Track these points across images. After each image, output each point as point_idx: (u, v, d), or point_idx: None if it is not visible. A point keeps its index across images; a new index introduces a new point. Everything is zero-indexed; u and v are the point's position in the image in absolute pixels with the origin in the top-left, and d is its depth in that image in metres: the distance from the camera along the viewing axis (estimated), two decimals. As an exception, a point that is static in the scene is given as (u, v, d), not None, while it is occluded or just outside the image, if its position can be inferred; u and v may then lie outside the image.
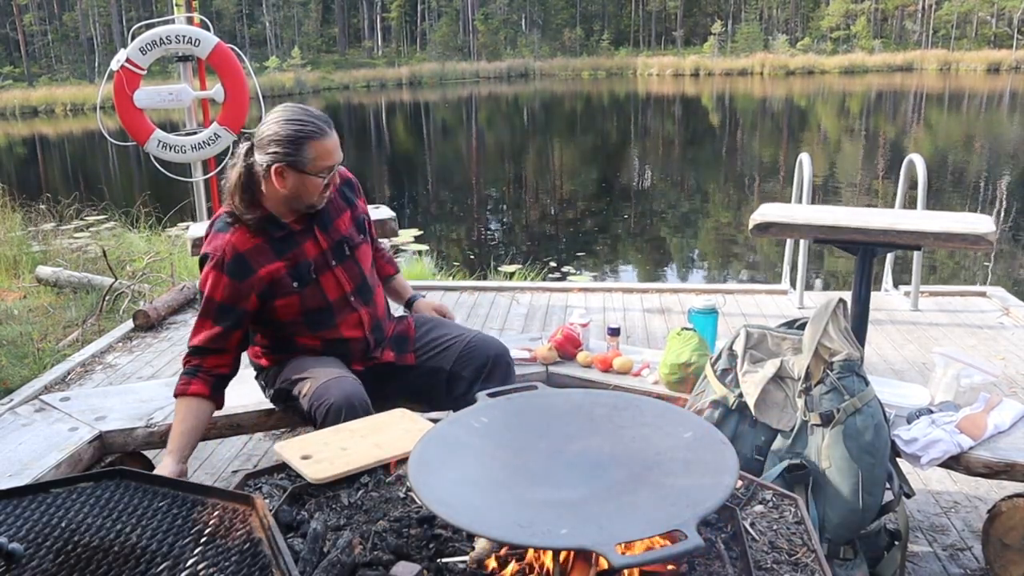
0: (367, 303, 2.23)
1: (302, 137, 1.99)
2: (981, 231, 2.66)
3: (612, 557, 0.97)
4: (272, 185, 2.02)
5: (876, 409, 1.92)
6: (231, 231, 2.06)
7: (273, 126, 2.00)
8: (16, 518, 1.23)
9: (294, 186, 2.02)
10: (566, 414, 1.40)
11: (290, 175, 2.00)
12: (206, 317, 2.07)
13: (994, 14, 49.47)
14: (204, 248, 2.07)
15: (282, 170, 2.00)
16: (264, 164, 2.00)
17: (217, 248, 2.05)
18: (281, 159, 1.99)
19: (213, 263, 2.04)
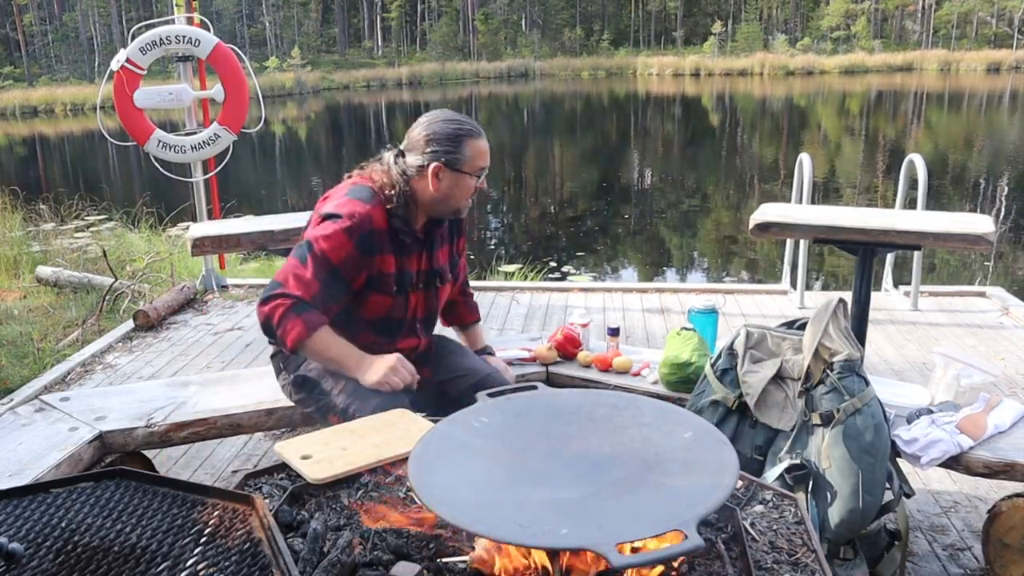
0: (427, 335, 2.25)
1: (462, 135, 1.99)
2: (981, 231, 2.66)
3: (612, 557, 0.97)
4: (424, 186, 2.01)
5: (876, 409, 1.92)
6: (372, 204, 1.99)
7: (430, 126, 2.00)
8: (16, 518, 1.23)
9: (448, 187, 2.01)
10: (566, 414, 1.40)
11: (446, 175, 1.99)
12: (316, 276, 1.94)
13: (994, 14, 49.46)
14: (333, 208, 1.98)
15: (439, 170, 1.99)
16: (419, 165, 2.00)
17: (353, 213, 1.96)
18: (440, 157, 1.98)
19: (346, 226, 1.94)
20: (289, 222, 3.15)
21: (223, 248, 3.29)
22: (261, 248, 3.31)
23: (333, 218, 1.96)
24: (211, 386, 2.53)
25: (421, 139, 2.00)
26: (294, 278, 1.93)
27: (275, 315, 1.91)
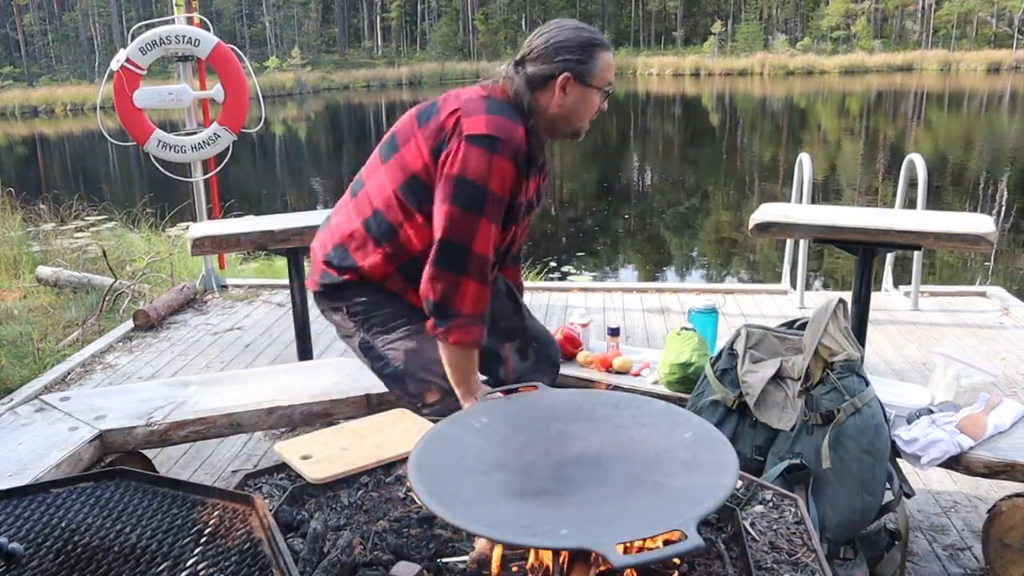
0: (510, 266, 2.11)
1: (595, 45, 1.79)
2: (981, 231, 2.66)
3: (612, 557, 0.97)
4: (548, 100, 1.79)
5: (876, 409, 1.92)
6: (517, 122, 1.73)
7: (560, 33, 1.78)
8: (16, 518, 1.23)
9: (574, 102, 1.80)
10: (566, 414, 1.40)
11: (574, 88, 1.78)
12: (492, 218, 1.70)
13: (994, 14, 49.45)
14: (485, 128, 1.69)
15: (567, 81, 1.77)
16: (544, 75, 1.77)
17: (511, 135, 1.70)
18: (571, 67, 1.76)
19: (507, 151, 1.69)
20: (289, 222, 3.15)
21: (223, 248, 3.29)
22: (261, 248, 3.31)
23: (487, 143, 1.68)
24: (211, 386, 2.53)
25: (549, 47, 1.77)
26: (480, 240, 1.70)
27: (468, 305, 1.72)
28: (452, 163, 1.70)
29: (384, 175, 1.85)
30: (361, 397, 2.43)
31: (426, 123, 1.78)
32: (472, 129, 1.69)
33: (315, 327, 3.44)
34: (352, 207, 1.93)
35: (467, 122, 1.71)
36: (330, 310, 2.04)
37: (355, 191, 1.96)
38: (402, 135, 1.84)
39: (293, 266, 3.22)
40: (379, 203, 1.85)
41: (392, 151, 1.84)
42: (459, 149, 1.69)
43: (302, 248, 3.17)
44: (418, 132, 1.79)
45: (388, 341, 1.93)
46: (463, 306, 1.73)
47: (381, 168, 1.87)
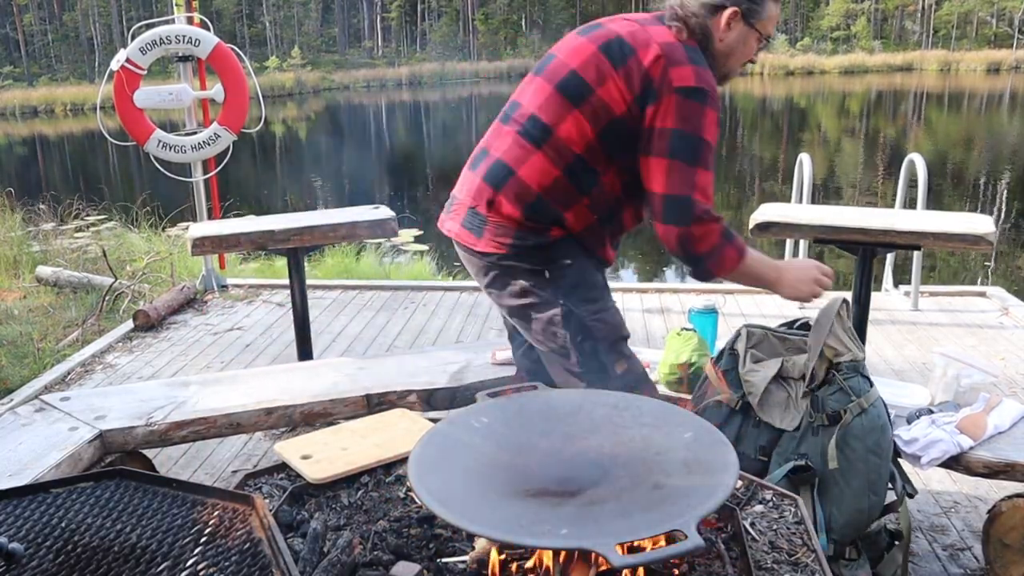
0: None
1: None
2: (981, 231, 2.66)
3: (612, 557, 0.97)
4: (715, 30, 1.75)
5: (881, 410, 1.92)
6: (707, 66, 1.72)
7: None
8: (16, 518, 1.23)
9: (733, 42, 1.75)
10: (566, 414, 1.39)
11: (738, 26, 1.74)
12: (709, 166, 1.69)
13: (994, 14, 49.45)
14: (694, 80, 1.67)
15: (733, 16, 1.73)
16: (713, 4, 1.72)
17: (713, 84, 1.70)
18: (741, 2, 1.73)
19: (714, 101, 1.69)
20: (289, 222, 3.15)
21: (223, 248, 3.29)
22: (261, 248, 3.31)
23: (699, 96, 1.67)
24: (211, 386, 2.53)
25: None
26: (699, 188, 1.68)
27: (707, 243, 1.70)
28: (665, 116, 1.67)
29: (581, 118, 1.73)
30: (361, 397, 2.43)
31: (622, 65, 1.70)
32: (683, 81, 1.66)
33: (315, 327, 3.45)
34: (542, 156, 1.75)
35: (675, 73, 1.67)
36: (521, 273, 1.81)
37: (535, 137, 1.76)
38: (591, 75, 1.72)
39: (293, 266, 3.21)
40: (580, 148, 1.73)
41: (584, 94, 1.72)
42: (672, 102, 1.66)
43: (302, 248, 3.17)
44: (615, 74, 1.70)
45: (593, 312, 1.82)
46: (703, 247, 1.72)
47: (569, 109, 1.73)
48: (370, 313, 4.55)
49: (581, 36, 1.80)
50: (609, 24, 1.79)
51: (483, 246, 1.81)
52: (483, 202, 1.80)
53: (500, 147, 1.82)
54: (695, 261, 1.75)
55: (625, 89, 1.69)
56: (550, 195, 1.76)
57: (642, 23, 1.76)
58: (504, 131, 1.83)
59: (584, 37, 1.78)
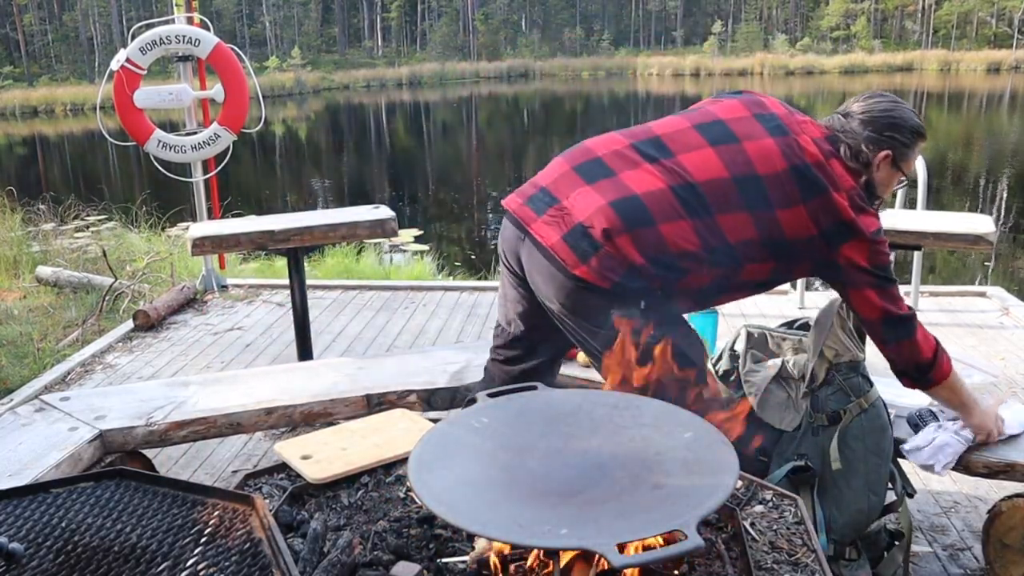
0: None
1: (920, 135, 1.84)
2: (981, 231, 2.67)
3: (612, 557, 0.97)
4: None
5: (881, 410, 1.92)
6: None
7: (898, 110, 1.81)
8: (16, 518, 1.23)
9: (881, 180, 1.83)
10: (566, 414, 1.39)
11: (885, 169, 1.81)
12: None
13: (994, 14, 49.45)
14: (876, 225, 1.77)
15: (885, 160, 1.80)
16: (871, 142, 1.78)
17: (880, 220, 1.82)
18: (896, 147, 1.79)
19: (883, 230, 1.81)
20: (289, 222, 3.15)
21: (223, 248, 3.29)
22: (261, 248, 3.31)
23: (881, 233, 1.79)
24: (211, 386, 2.53)
25: (884, 118, 1.79)
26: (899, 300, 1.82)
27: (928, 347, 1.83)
28: (867, 258, 1.76)
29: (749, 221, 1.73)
30: (361, 397, 2.43)
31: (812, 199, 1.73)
32: (870, 227, 1.75)
33: (315, 327, 3.45)
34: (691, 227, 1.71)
35: (864, 222, 1.75)
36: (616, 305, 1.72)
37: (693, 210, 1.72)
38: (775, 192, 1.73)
39: (293, 266, 3.22)
40: (734, 240, 1.73)
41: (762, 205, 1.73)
42: (866, 247, 1.76)
43: (302, 248, 3.17)
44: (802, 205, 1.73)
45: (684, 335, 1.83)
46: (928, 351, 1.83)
47: (745, 211, 1.73)
48: (370, 313, 4.55)
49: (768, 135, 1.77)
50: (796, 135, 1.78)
51: (583, 272, 1.70)
52: (600, 229, 1.69)
53: (639, 184, 1.73)
54: (925, 369, 1.84)
55: (810, 223, 1.74)
56: (682, 261, 1.71)
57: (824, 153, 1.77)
58: (645, 168, 1.76)
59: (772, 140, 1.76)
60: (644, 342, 1.65)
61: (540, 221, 1.78)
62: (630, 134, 1.86)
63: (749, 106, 1.85)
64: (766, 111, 1.83)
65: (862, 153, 1.78)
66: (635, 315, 1.70)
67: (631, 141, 1.82)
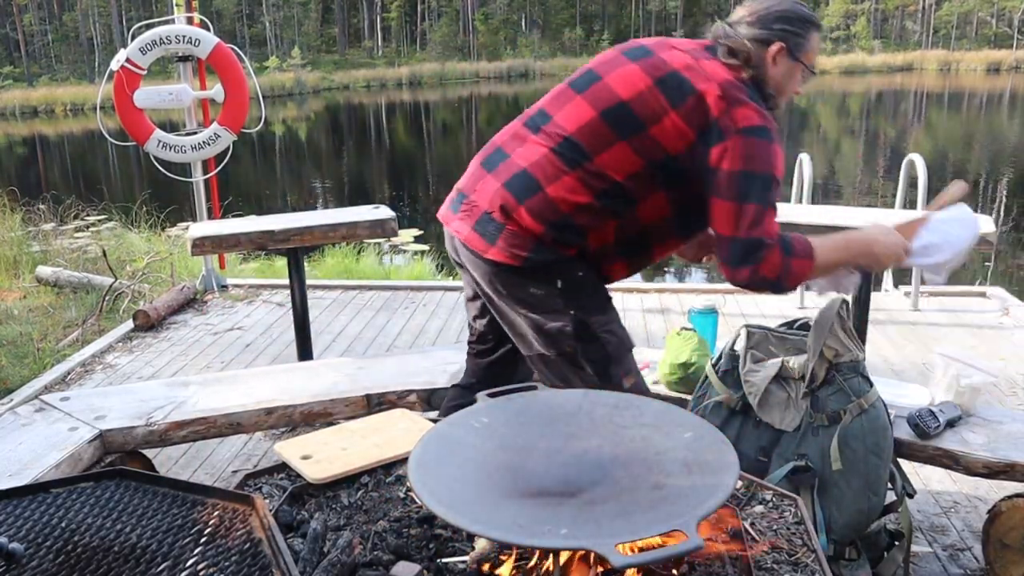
0: None
1: (812, 23, 1.77)
2: (981, 231, 2.66)
3: (612, 557, 0.97)
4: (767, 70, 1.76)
5: (881, 410, 1.92)
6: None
7: (783, 3, 1.75)
8: (16, 518, 1.23)
9: (781, 77, 1.77)
10: (566, 414, 1.39)
11: (783, 62, 1.74)
12: (775, 204, 1.68)
13: (994, 14, 49.47)
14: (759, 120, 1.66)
15: (779, 51, 1.74)
16: (759, 39, 1.73)
17: (772, 122, 1.70)
18: (787, 38, 1.73)
19: (776, 136, 1.68)
20: (289, 222, 3.15)
21: (223, 248, 3.29)
22: (261, 248, 3.31)
23: (765, 134, 1.66)
24: (211, 386, 2.53)
25: (770, 13, 1.73)
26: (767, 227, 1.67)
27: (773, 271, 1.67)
28: (734, 158, 1.65)
29: (628, 150, 1.70)
30: (361, 397, 2.43)
31: (681, 103, 1.67)
32: (747, 121, 1.65)
33: (315, 327, 3.45)
34: (575, 179, 1.72)
35: (739, 113, 1.65)
36: (530, 284, 1.79)
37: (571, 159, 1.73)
38: (644, 109, 1.69)
39: (293, 266, 3.22)
40: (622, 176, 1.71)
41: (636, 129, 1.69)
42: (738, 143, 1.64)
43: (302, 248, 3.17)
44: (672, 113, 1.67)
45: (603, 323, 1.82)
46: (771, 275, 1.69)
47: (620, 142, 1.70)
48: (370, 313, 4.55)
49: (631, 62, 1.74)
50: (660, 53, 1.74)
51: (494, 254, 1.77)
52: (498, 209, 1.76)
53: (526, 156, 1.77)
54: (770, 288, 1.73)
55: (686, 129, 1.67)
56: (577, 217, 1.73)
57: (695, 56, 1.73)
58: (531, 140, 1.79)
59: (635, 64, 1.73)
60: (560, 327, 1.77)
61: (456, 219, 1.86)
62: (524, 114, 1.88)
63: (621, 47, 1.83)
64: (635, 45, 1.80)
65: (742, 51, 1.72)
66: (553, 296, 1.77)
67: (523, 121, 1.86)
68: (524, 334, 1.86)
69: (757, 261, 1.66)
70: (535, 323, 1.81)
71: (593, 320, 1.80)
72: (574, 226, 1.73)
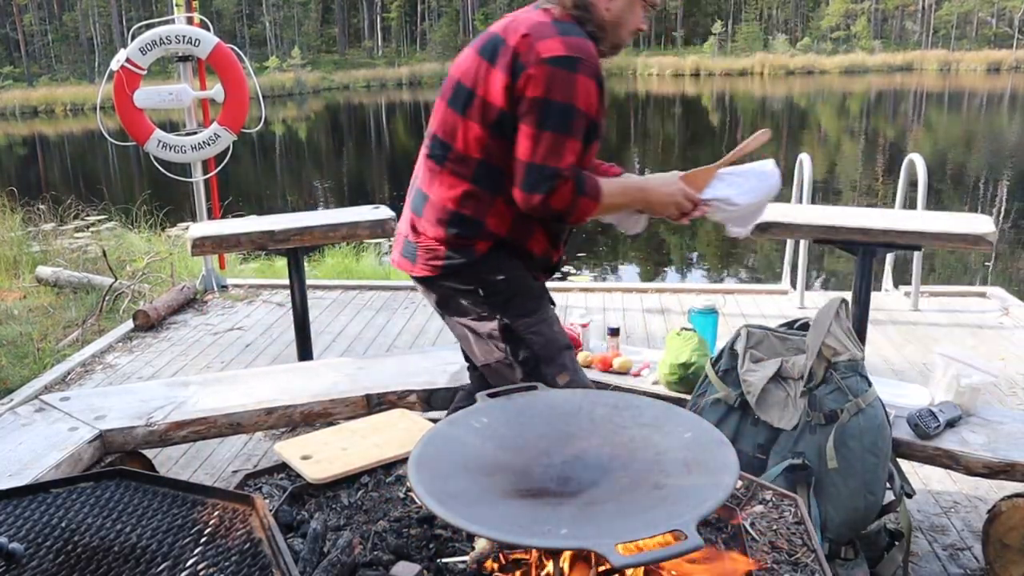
0: None
1: None
2: (981, 231, 2.66)
3: (612, 557, 0.97)
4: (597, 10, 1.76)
5: (878, 409, 1.92)
6: (586, 37, 1.71)
7: None
8: (16, 518, 1.23)
9: (619, 12, 1.77)
10: (566, 414, 1.40)
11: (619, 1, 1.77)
12: (577, 135, 1.68)
13: (994, 14, 49.47)
14: (562, 49, 1.66)
15: None
16: None
17: (588, 52, 1.67)
18: None
19: (588, 68, 1.66)
20: (289, 222, 3.15)
21: (223, 248, 3.29)
22: (261, 248, 3.31)
23: (568, 64, 1.65)
24: (211, 386, 2.53)
25: None
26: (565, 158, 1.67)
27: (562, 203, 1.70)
28: (534, 86, 1.67)
29: (473, 123, 1.75)
30: (361, 397, 2.43)
31: (497, 57, 1.72)
32: (550, 52, 1.66)
33: (315, 327, 3.45)
34: (448, 173, 1.80)
35: (542, 45, 1.67)
36: (457, 294, 1.86)
37: (440, 156, 1.82)
38: (471, 79, 1.75)
39: (293, 266, 3.22)
40: (478, 152, 1.76)
41: (469, 99, 1.75)
42: (540, 72, 1.66)
43: (302, 248, 3.17)
44: (492, 70, 1.72)
45: (528, 325, 1.85)
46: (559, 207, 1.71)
47: (461, 120, 1.76)
48: (370, 313, 4.55)
49: (468, 47, 1.83)
50: (491, 27, 1.82)
51: (418, 271, 1.87)
52: (410, 230, 1.87)
53: (419, 175, 1.90)
54: (555, 218, 1.77)
55: (503, 78, 1.70)
56: (465, 207, 1.79)
57: (519, 13, 1.78)
58: (421, 160, 1.90)
59: (469, 47, 1.82)
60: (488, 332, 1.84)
61: (395, 253, 1.99)
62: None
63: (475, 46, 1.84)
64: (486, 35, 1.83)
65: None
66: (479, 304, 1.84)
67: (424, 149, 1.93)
68: (469, 345, 1.93)
69: (550, 191, 1.69)
70: (471, 332, 1.89)
71: (519, 323, 1.84)
72: (466, 218, 1.79)
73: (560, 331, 1.91)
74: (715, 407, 2.05)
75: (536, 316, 1.86)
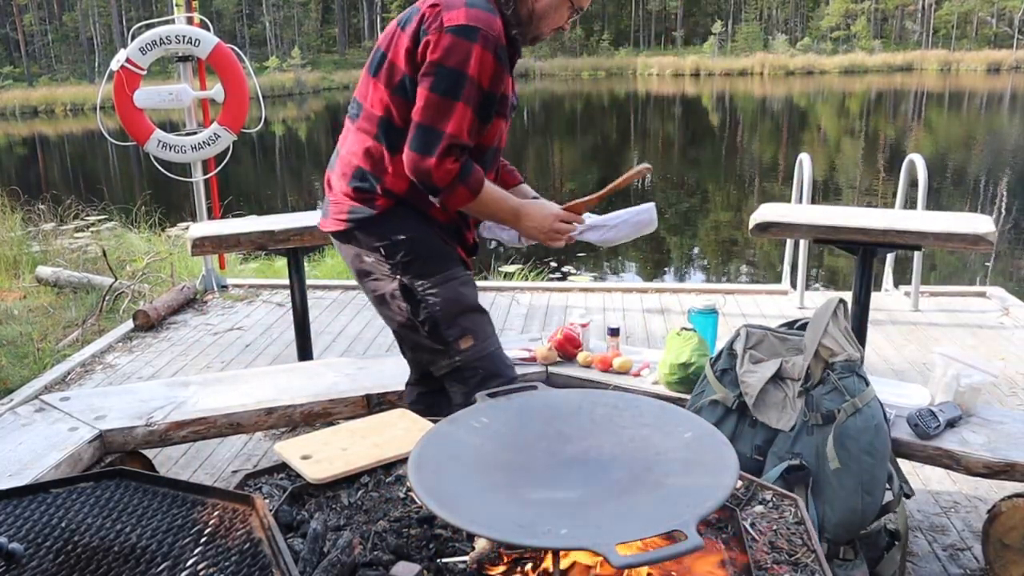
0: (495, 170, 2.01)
1: None
2: (981, 231, 2.66)
3: (612, 557, 0.97)
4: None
5: (876, 409, 1.92)
6: (494, 14, 1.76)
7: None
8: (16, 518, 1.23)
9: (546, 7, 1.83)
10: (566, 414, 1.40)
11: None
12: (467, 102, 1.73)
13: (994, 14, 49.47)
14: (464, 19, 1.72)
15: None
16: None
17: (490, 25, 1.73)
18: None
19: (486, 41, 1.71)
20: (289, 222, 3.15)
21: (223, 248, 3.29)
22: (261, 248, 3.31)
23: (467, 33, 1.70)
24: (211, 386, 2.53)
25: None
26: (453, 123, 1.72)
27: (443, 180, 1.75)
28: (433, 51, 1.73)
29: (380, 84, 1.84)
30: (361, 397, 2.43)
31: (408, 24, 1.80)
32: (452, 21, 1.73)
33: (315, 327, 3.45)
34: (356, 130, 1.90)
35: (447, 15, 1.73)
36: (364, 251, 1.91)
37: (355, 115, 1.91)
38: (386, 44, 1.84)
39: (293, 266, 3.22)
40: (381, 110, 1.83)
41: (380, 62, 1.84)
42: (439, 39, 1.72)
43: (302, 248, 3.17)
44: (401, 35, 1.80)
45: (427, 287, 1.89)
46: (439, 182, 1.77)
47: (372, 81, 1.85)
48: (370, 313, 4.54)
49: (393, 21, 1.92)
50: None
51: (329, 225, 1.94)
52: (327, 186, 1.97)
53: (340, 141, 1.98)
54: (430, 191, 1.81)
55: (407, 42, 1.77)
56: (364, 162, 1.87)
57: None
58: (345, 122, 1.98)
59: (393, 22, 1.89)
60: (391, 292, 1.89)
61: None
62: None
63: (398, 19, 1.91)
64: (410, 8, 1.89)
65: None
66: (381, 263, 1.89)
67: None
68: (381, 310, 1.97)
69: (430, 154, 1.74)
70: (375, 293, 1.95)
71: (416, 284, 1.89)
72: (365, 172, 1.87)
73: (468, 295, 1.93)
74: (713, 408, 2.05)
75: (436, 278, 1.90)
